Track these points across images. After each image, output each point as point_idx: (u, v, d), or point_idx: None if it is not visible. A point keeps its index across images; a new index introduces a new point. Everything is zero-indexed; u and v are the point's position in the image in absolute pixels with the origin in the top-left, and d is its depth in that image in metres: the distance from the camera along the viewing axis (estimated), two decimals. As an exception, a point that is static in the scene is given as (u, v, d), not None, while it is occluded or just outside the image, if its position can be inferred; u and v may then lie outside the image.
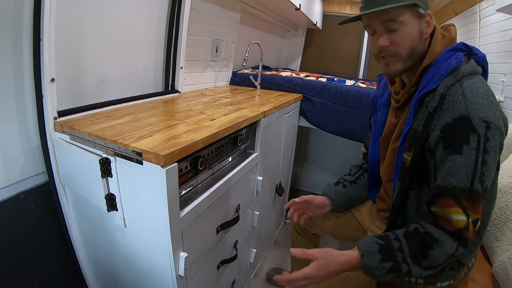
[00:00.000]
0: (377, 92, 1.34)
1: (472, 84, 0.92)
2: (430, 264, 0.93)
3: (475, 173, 0.88)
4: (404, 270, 0.93)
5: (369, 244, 0.98)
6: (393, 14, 0.99)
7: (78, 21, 1.36)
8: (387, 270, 0.94)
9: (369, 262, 0.95)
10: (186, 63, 2.07)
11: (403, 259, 0.93)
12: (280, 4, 2.78)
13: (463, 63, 0.96)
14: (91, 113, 1.38)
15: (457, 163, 0.89)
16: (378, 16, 1.01)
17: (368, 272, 0.96)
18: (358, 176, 1.49)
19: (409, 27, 1.01)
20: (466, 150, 0.88)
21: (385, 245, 0.96)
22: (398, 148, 1.09)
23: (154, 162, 0.95)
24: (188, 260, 1.10)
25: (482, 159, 0.88)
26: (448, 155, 0.91)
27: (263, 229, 2.15)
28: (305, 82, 2.51)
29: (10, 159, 1.19)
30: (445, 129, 0.92)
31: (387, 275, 0.95)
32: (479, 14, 2.69)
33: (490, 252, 1.37)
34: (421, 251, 0.93)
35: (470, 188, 0.88)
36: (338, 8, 4.21)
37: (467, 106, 0.89)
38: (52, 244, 1.37)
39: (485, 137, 0.87)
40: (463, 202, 0.89)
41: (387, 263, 0.94)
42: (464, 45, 1.02)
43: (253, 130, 1.66)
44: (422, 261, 0.93)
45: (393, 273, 0.94)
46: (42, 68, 1.16)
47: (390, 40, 1.02)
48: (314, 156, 3.50)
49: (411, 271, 0.93)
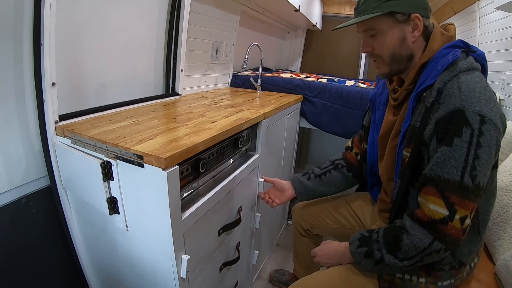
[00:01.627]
0: (376, 91, 1.36)
1: (469, 79, 0.93)
2: (404, 256, 0.99)
3: (465, 167, 0.88)
4: (377, 256, 1.04)
5: (356, 235, 1.15)
6: (371, 23, 1.06)
7: (78, 25, 1.36)
8: (364, 255, 1.08)
9: (351, 248, 1.13)
10: (186, 66, 2.08)
11: (378, 248, 1.04)
12: (279, 5, 2.78)
13: (460, 59, 0.97)
14: (92, 116, 1.39)
15: (445, 155, 0.90)
16: (359, 25, 1.09)
17: (353, 257, 1.12)
18: (324, 172, 1.55)
19: (389, 34, 1.05)
20: (457, 143, 0.89)
21: (366, 237, 1.11)
22: (398, 146, 1.10)
23: (156, 165, 0.95)
24: (190, 262, 1.10)
25: (474, 153, 0.88)
26: (439, 147, 0.92)
27: (265, 231, 2.15)
28: (305, 83, 2.51)
29: (12, 163, 1.20)
30: (438, 122, 0.93)
31: (366, 261, 1.08)
32: (478, 13, 2.69)
33: (492, 251, 1.37)
34: (394, 243, 1.01)
35: (460, 182, 0.89)
36: (338, 9, 4.21)
37: (461, 100, 0.90)
38: (54, 248, 1.38)
39: (479, 131, 0.88)
40: (450, 196, 0.90)
41: (362, 248, 1.09)
42: (462, 42, 1.03)
43: (254, 132, 1.66)
44: (397, 252, 1.00)
45: (370, 258, 1.06)
46: (43, 72, 1.16)
47: (371, 46, 1.10)
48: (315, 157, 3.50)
49: (384, 259, 1.02)
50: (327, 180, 1.53)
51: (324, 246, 1.28)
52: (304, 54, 4.50)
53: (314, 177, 1.54)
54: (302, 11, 2.95)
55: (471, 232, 1.05)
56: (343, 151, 1.59)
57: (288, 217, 2.87)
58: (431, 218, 0.93)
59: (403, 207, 1.09)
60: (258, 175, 1.73)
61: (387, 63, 1.09)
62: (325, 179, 1.53)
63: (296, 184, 1.56)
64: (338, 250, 1.21)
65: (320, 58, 4.47)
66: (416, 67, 1.06)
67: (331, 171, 1.53)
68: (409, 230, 0.98)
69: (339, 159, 1.55)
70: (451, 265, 1.06)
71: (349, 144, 1.57)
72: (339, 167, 1.53)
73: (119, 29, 1.59)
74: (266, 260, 2.34)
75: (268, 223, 2.20)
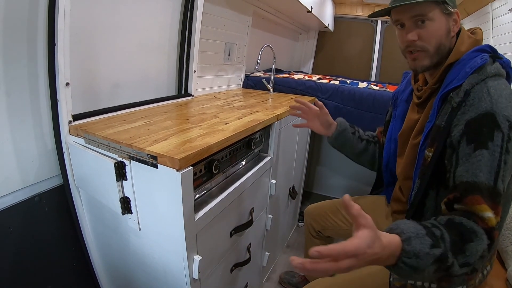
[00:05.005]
0: (399, 88, 1.35)
1: (496, 85, 0.92)
2: (466, 260, 0.79)
3: (498, 171, 0.85)
4: (450, 262, 0.77)
5: (414, 226, 0.79)
6: (422, 9, 1.01)
7: (92, 26, 1.37)
8: (434, 260, 0.75)
9: (418, 247, 0.74)
10: (199, 67, 2.08)
11: (446, 250, 0.77)
12: (292, 7, 2.77)
13: (488, 63, 0.95)
14: (105, 116, 1.39)
15: (485, 158, 0.86)
16: (408, 10, 1.03)
17: (409, 263, 0.74)
18: (367, 139, 1.51)
19: (437, 23, 1.02)
20: (491, 147, 0.86)
21: (428, 231, 0.79)
22: (420, 146, 1.08)
23: (169, 166, 0.95)
24: (202, 263, 1.10)
25: (504, 158, 0.86)
26: (474, 150, 0.88)
27: (276, 233, 2.14)
28: (317, 85, 2.50)
29: (26, 162, 1.21)
30: (469, 124, 0.90)
31: (429, 269, 0.76)
32: (491, 14, 2.66)
33: (504, 257, 1.34)
34: (460, 244, 0.79)
35: (493, 187, 0.85)
36: (350, 10, 4.19)
37: (492, 103, 0.88)
38: (66, 246, 1.38)
39: (508, 137, 0.86)
40: (487, 201, 0.85)
41: (437, 249, 0.76)
42: (489, 47, 1.02)
43: (266, 134, 1.66)
44: (460, 255, 0.78)
45: (437, 265, 0.76)
46: (57, 72, 1.17)
47: (419, 35, 1.03)
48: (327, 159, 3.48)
49: (453, 266, 0.78)
50: (364, 147, 1.50)
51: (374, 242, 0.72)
52: (316, 55, 4.48)
53: (357, 137, 1.51)
54: (315, 13, 2.94)
55: None
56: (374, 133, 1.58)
57: (299, 219, 2.86)
58: (489, 226, 0.84)
59: (420, 210, 1.06)
60: (271, 177, 1.72)
61: (431, 54, 1.05)
62: (363, 146, 1.50)
63: (341, 125, 1.50)
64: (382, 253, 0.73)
65: (332, 60, 4.45)
66: (443, 66, 1.05)
67: (371, 142, 1.51)
68: (477, 230, 0.81)
69: (377, 137, 1.54)
70: None
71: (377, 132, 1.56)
72: (376, 144, 1.52)
73: (133, 30, 1.60)
74: (277, 261, 2.33)
75: (279, 224, 2.20)
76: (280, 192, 2.03)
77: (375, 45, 4.15)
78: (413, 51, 1.07)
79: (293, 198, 2.33)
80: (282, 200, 2.13)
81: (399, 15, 1.06)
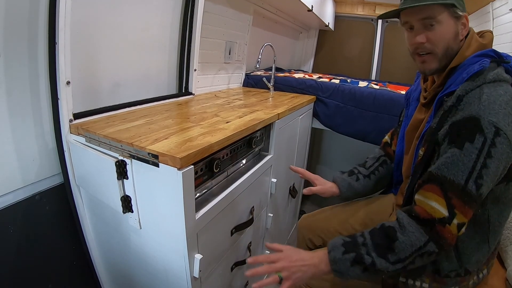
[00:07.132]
0: (412, 88, 1.35)
1: (492, 91, 0.92)
2: (397, 258, 0.94)
3: (472, 172, 0.88)
4: (368, 261, 0.95)
5: (335, 240, 1.04)
6: (431, 12, 1.01)
7: (92, 25, 1.37)
8: (351, 261, 0.97)
9: (333, 255, 1.00)
10: (200, 66, 2.08)
11: (367, 252, 0.96)
12: (292, 5, 2.77)
13: (487, 69, 0.95)
14: (106, 115, 1.39)
15: (455, 157, 0.90)
16: (417, 12, 1.03)
17: (335, 266, 0.99)
18: (373, 170, 1.47)
19: (446, 27, 1.02)
20: (468, 148, 0.88)
21: (350, 241, 1.01)
22: (417, 145, 1.11)
23: (171, 165, 0.95)
24: (203, 262, 1.10)
25: (483, 161, 0.87)
26: (449, 148, 0.92)
27: (276, 231, 2.14)
28: (318, 84, 2.50)
29: (26, 161, 1.21)
30: (453, 125, 0.93)
31: (353, 268, 0.97)
32: (492, 14, 2.66)
33: (504, 256, 1.34)
34: (386, 245, 0.96)
35: (464, 186, 0.88)
36: (350, 9, 4.18)
37: (479, 109, 0.89)
38: (67, 245, 1.39)
39: (492, 141, 0.87)
40: (452, 198, 0.89)
41: (349, 254, 0.98)
42: (493, 51, 1.01)
43: (267, 132, 1.66)
44: (389, 255, 0.95)
45: (358, 265, 0.97)
46: (58, 71, 1.17)
47: (427, 37, 1.04)
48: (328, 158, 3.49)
49: (376, 264, 0.95)
50: (376, 178, 1.46)
51: (290, 253, 1.08)
52: (317, 54, 4.47)
53: (363, 178, 1.46)
54: (315, 11, 2.93)
55: (481, 241, 1.04)
56: (379, 147, 1.55)
57: (299, 218, 2.85)
58: (431, 216, 0.91)
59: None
60: (271, 176, 1.72)
61: (439, 57, 1.05)
62: (374, 178, 1.46)
63: (345, 189, 1.45)
64: (311, 260, 1.03)
65: (332, 59, 4.44)
66: (446, 70, 1.05)
67: (379, 168, 1.47)
68: (406, 226, 0.94)
69: (383, 155, 1.50)
70: (457, 272, 1.05)
71: (387, 139, 1.53)
72: (387, 162, 1.48)
73: (133, 29, 1.59)
74: (277, 261, 2.32)
75: (279, 223, 2.20)
76: (281, 191, 2.03)
77: (375, 44, 4.14)
78: (422, 54, 1.07)
79: (293, 197, 2.32)
80: (283, 199, 2.13)
81: (408, 17, 1.06)
